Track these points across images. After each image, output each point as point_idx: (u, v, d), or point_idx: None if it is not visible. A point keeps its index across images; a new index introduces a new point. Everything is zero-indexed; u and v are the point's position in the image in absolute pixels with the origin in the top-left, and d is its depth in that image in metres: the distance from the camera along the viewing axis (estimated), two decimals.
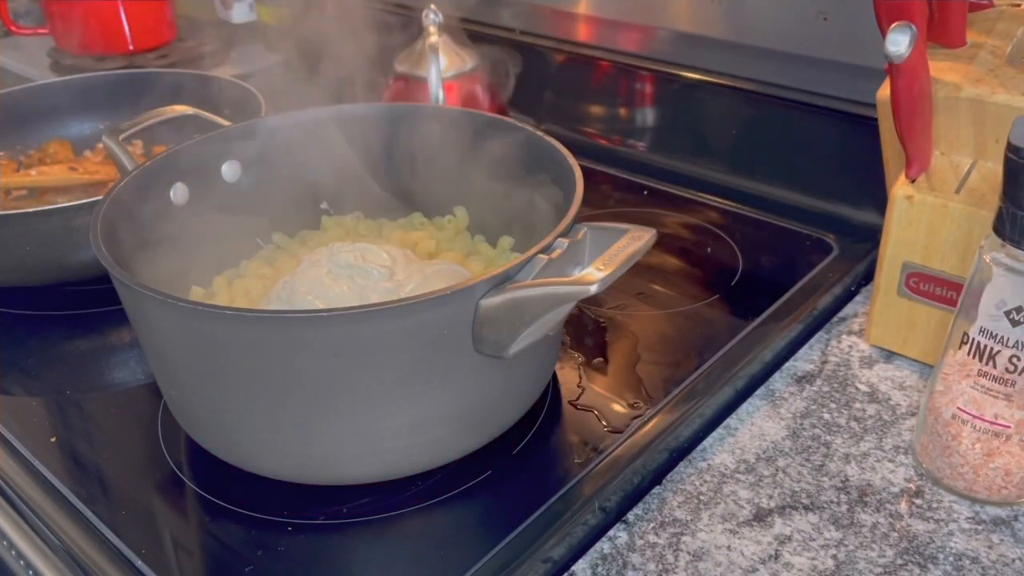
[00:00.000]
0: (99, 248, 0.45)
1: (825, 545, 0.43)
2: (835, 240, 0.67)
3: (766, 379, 0.54)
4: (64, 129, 0.82)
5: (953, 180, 0.50)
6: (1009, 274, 0.41)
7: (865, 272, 0.63)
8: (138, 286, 0.42)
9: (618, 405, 0.52)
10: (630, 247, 0.42)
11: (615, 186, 0.79)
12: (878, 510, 0.45)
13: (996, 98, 0.48)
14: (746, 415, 0.52)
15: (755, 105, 0.76)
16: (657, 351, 0.57)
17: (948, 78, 0.49)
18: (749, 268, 0.66)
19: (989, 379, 0.43)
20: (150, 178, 0.54)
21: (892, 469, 0.47)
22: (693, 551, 0.43)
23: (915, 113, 0.49)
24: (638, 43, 0.85)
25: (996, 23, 0.54)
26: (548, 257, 0.43)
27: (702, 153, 0.80)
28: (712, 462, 0.48)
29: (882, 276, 0.53)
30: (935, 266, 0.51)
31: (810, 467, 0.48)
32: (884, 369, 0.54)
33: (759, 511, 0.45)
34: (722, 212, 0.73)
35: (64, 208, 0.60)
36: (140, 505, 0.47)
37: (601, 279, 0.39)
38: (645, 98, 0.84)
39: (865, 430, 0.50)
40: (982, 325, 0.42)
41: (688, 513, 0.45)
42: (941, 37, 0.52)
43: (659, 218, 0.73)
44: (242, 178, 0.60)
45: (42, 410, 0.55)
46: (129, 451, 0.51)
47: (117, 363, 0.60)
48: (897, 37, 0.45)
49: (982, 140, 0.50)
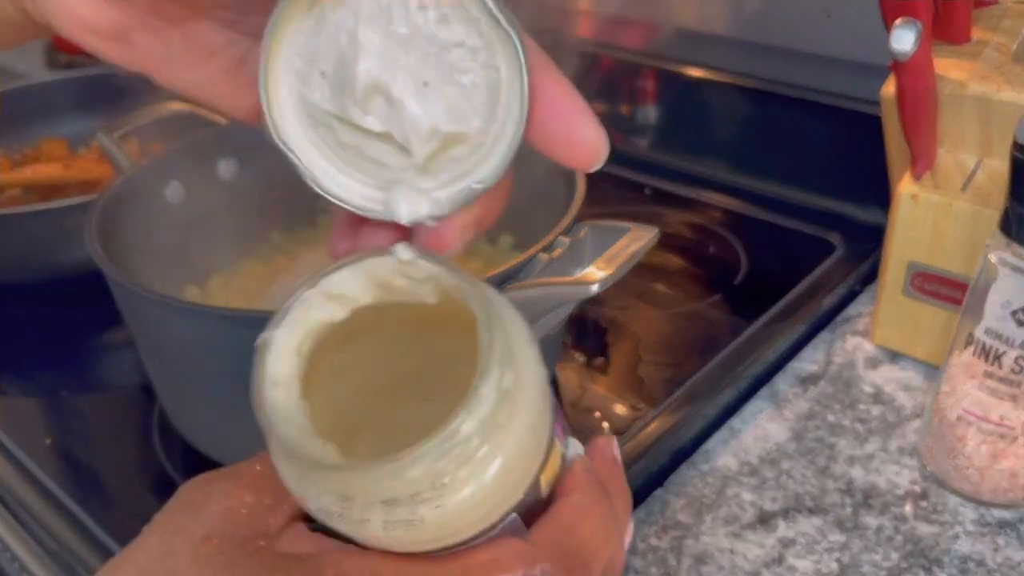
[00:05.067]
0: (94, 247, 0.45)
1: (829, 548, 0.43)
2: (839, 239, 0.66)
3: (769, 380, 0.54)
4: (59, 127, 0.81)
5: (958, 178, 0.49)
6: (1015, 274, 0.40)
7: (869, 271, 0.63)
8: (133, 286, 0.41)
9: (620, 406, 0.51)
10: (632, 246, 0.41)
11: (616, 184, 0.79)
12: (883, 513, 0.44)
13: (1002, 96, 0.47)
14: (749, 416, 0.51)
15: (758, 103, 0.75)
16: (659, 352, 0.56)
17: (953, 75, 0.49)
18: (752, 267, 0.65)
19: (995, 380, 0.42)
20: (145, 177, 0.54)
21: (897, 471, 0.47)
22: (696, 554, 0.43)
23: (920, 111, 0.48)
24: (640, 39, 0.84)
25: (1001, 20, 0.54)
26: (549, 256, 0.42)
27: (704, 151, 0.80)
28: (715, 464, 0.48)
29: (887, 276, 0.53)
30: (940, 265, 0.50)
31: (814, 469, 0.47)
32: (889, 370, 0.54)
33: (762, 514, 0.45)
34: (725, 211, 0.73)
35: (59, 207, 0.59)
36: (135, 507, 0.47)
37: (602, 279, 0.39)
38: (647, 95, 0.84)
39: (870, 432, 0.49)
40: (988, 325, 0.42)
41: (690, 516, 0.45)
42: (946, 34, 0.52)
43: (661, 217, 0.72)
44: (238, 176, 0.59)
45: (36, 411, 0.55)
46: (124, 452, 0.51)
47: (112, 364, 0.59)
48: (902, 34, 0.44)
49: (988, 138, 0.49)
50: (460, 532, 0.23)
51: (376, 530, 0.22)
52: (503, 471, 0.23)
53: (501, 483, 0.23)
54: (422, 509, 0.22)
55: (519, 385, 0.23)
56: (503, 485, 0.23)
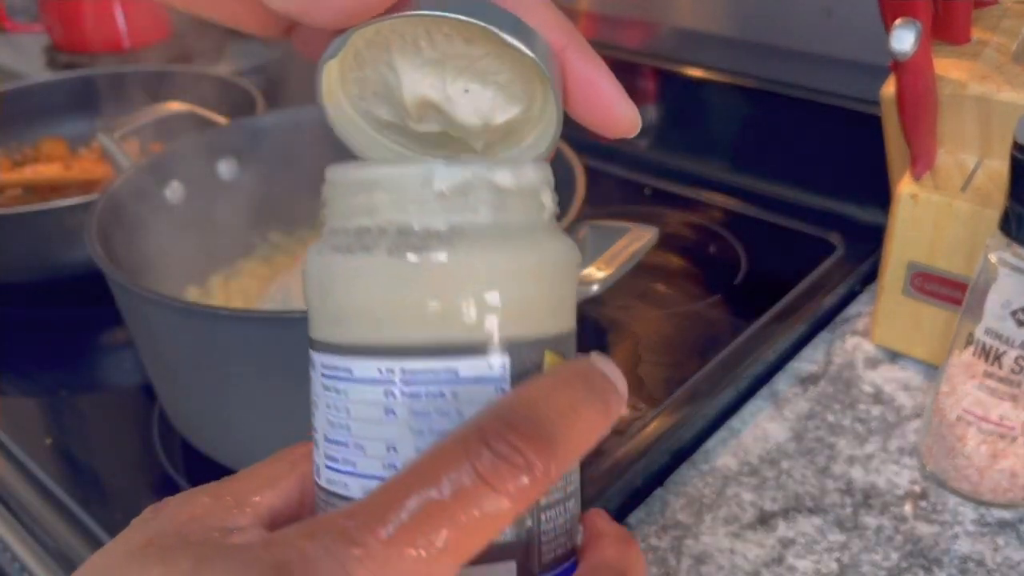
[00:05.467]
0: (94, 247, 0.45)
1: (829, 548, 0.43)
2: (839, 239, 0.66)
3: (769, 380, 0.54)
4: (59, 127, 0.81)
5: (958, 178, 0.49)
6: (1015, 274, 0.40)
7: (869, 271, 0.63)
8: (133, 286, 0.41)
9: None
10: (632, 246, 0.41)
11: (616, 184, 0.78)
12: (883, 513, 0.44)
13: (1002, 96, 0.47)
14: (749, 416, 0.51)
15: (758, 102, 0.75)
16: (659, 351, 0.56)
17: (953, 75, 0.49)
18: (752, 267, 0.65)
19: (995, 380, 0.42)
20: (145, 177, 0.54)
21: (897, 471, 0.47)
22: (696, 555, 0.43)
23: (920, 111, 0.48)
24: (639, 39, 0.84)
25: (1001, 20, 0.54)
26: None
27: (704, 151, 0.79)
28: (715, 464, 0.48)
29: (887, 276, 0.53)
30: (940, 266, 0.50)
31: (814, 469, 0.47)
32: (889, 370, 0.54)
33: (762, 514, 0.45)
34: (725, 211, 0.73)
35: (59, 207, 0.59)
36: (135, 507, 0.47)
37: (602, 279, 0.39)
38: (647, 95, 0.84)
39: (870, 432, 0.49)
40: (988, 325, 0.42)
41: (690, 516, 0.45)
42: (946, 34, 0.52)
43: (661, 217, 0.72)
44: (238, 176, 0.59)
45: (36, 411, 0.55)
46: (124, 453, 0.51)
47: (112, 364, 0.59)
48: (902, 34, 0.44)
49: (988, 138, 0.49)
50: (449, 319, 0.20)
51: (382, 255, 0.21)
52: (537, 267, 0.21)
53: (525, 282, 0.21)
54: (432, 245, 0.20)
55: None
56: (526, 287, 0.21)
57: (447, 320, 0.20)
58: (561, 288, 0.22)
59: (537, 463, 0.18)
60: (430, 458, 0.19)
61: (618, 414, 0.21)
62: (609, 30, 0.86)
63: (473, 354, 0.20)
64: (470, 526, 0.18)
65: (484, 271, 0.20)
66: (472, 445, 0.18)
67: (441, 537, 0.18)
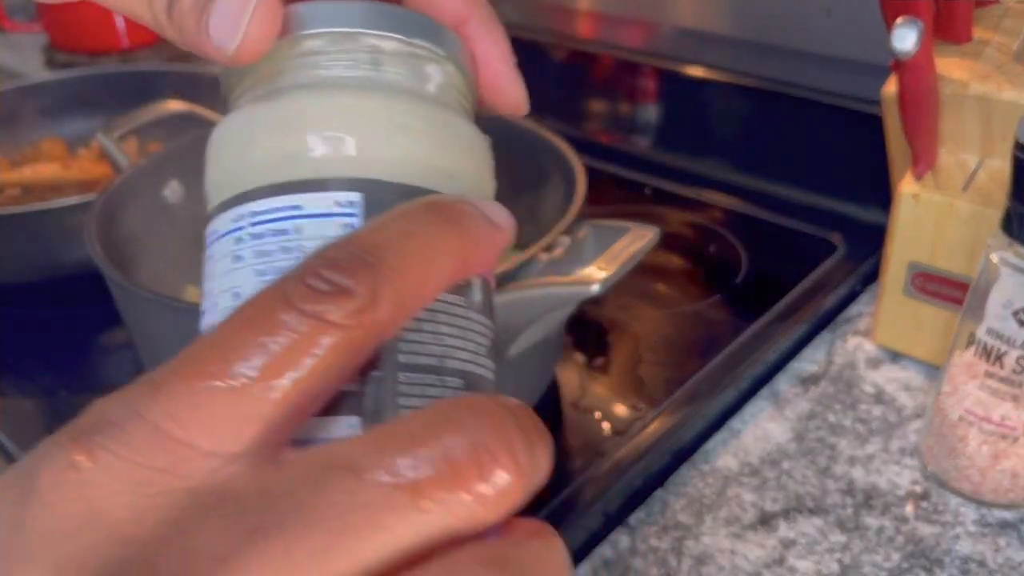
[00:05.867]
0: (94, 247, 0.45)
1: (830, 549, 0.43)
2: (840, 239, 0.66)
3: (770, 380, 0.54)
4: (58, 127, 0.81)
5: (960, 178, 0.49)
6: (1017, 274, 0.40)
7: (870, 272, 0.62)
8: (133, 286, 0.41)
9: (620, 407, 0.51)
10: (633, 246, 0.41)
11: (617, 184, 0.78)
12: (884, 513, 0.44)
13: (1003, 95, 0.47)
14: (750, 417, 0.51)
15: (758, 102, 0.75)
16: (659, 352, 0.56)
17: (955, 75, 0.49)
18: (753, 267, 0.65)
19: (996, 380, 0.42)
20: (145, 176, 0.54)
21: (898, 472, 0.47)
22: (696, 555, 0.42)
23: (921, 110, 0.48)
24: (640, 39, 0.84)
25: (1002, 19, 0.53)
26: (549, 256, 0.42)
27: (705, 151, 0.79)
28: (715, 465, 0.48)
29: (888, 276, 0.53)
30: (941, 265, 0.50)
31: (815, 470, 0.47)
32: (890, 370, 0.54)
33: (763, 514, 0.44)
34: (725, 211, 0.73)
35: (59, 207, 0.59)
36: None
37: (603, 279, 0.39)
38: (648, 95, 0.84)
39: (871, 432, 0.49)
40: (989, 325, 0.42)
41: (691, 517, 0.45)
42: (947, 33, 0.52)
43: (661, 216, 0.72)
44: None
45: (35, 411, 0.55)
46: None
47: (111, 364, 0.59)
48: (903, 33, 0.44)
49: (989, 138, 0.49)
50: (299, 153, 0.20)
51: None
52: (405, 115, 0.21)
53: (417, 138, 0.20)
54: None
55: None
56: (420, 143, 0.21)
57: (295, 160, 0.20)
58: (442, 148, 0.21)
59: (358, 288, 0.16)
60: (251, 300, 0.17)
61: (488, 239, 0.19)
62: (609, 30, 0.86)
63: (318, 189, 0.20)
64: (282, 359, 0.16)
65: (335, 112, 0.20)
66: (289, 277, 0.17)
67: (249, 366, 0.16)
